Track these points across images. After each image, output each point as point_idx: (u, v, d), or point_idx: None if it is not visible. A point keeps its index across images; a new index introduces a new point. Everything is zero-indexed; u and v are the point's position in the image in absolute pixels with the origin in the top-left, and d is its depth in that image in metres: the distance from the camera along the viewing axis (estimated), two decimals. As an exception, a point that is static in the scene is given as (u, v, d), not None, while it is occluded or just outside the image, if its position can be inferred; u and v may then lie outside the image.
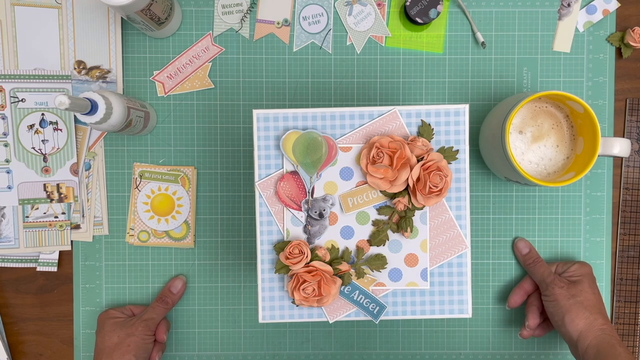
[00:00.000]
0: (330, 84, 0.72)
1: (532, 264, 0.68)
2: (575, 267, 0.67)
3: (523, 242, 0.70)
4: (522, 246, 0.70)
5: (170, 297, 0.69)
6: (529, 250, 0.70)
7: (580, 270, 0.66)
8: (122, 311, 0.68)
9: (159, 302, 0.68)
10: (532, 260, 0.68)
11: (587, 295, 0.64)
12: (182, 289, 0.70)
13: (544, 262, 0.68)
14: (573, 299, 0.63)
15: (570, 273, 0.66)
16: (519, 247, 0.70)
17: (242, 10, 0.71)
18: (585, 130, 0.62)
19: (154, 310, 0.67)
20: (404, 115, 0.57)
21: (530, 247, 0.70)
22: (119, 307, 0.69)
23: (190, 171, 0.71)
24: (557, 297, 0.64)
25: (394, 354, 0.72)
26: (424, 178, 0.54)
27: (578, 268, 0.67)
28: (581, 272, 0.66)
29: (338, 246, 0.57)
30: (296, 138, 0.56)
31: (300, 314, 0.58)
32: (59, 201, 0.70)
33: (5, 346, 0.71)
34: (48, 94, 0.69)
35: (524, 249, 0.70)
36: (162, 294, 0.69)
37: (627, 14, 0.72)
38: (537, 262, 0.68)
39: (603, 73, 0.72)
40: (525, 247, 0.70)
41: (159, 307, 0.68)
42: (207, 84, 0.71)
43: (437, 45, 0.72)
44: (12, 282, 0.72)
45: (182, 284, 0.70)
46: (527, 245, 0.70)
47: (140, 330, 0.65)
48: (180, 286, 0.70)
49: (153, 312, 0.67)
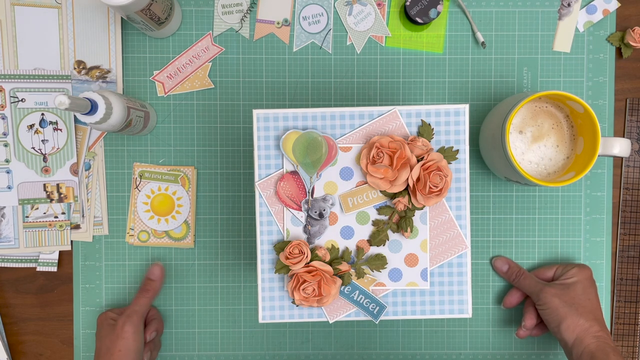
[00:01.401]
0: (330, 84, 0.72)
1: (517, 279, 0.68)
2: (574, 270, 0.66)
3: (500, 260, 0.70)
4: (500, 264, 0.70)
5: (150, 284, 0.68)
6: (508, 266, 0.69)
7: (578, 274, 0.66)
8: (119, 312, 0.67)
9: (140, 292, 0.67)
10: (515, 275, 0.68)
11: (582, 302, 0.63)
12: (161, 274, 0.69)
13: (527, 273, 0.68)
14: (567, 306, 0.63)
15: (568, 276, 0.66)
16: (497, 266, 0.70)
17: (242, 10, 0.71)
18: (585, 130, 0.62)
19: (136, 302, 0.66)
20: (404, 115, 0.57)
21: (509, 262, 0.70)
22: (117, 309, 0.68)
23: (190, 171, 0.71)
24: (550, 304, 0.63)
25: (394, 354, 0.72)
26: (424, 178, 0.54)
27: (577, 272, 0.66)
28: (578, 276, 0.65)
29: (338, 246, 0.57)
30: (296, 138, 0.56)
31: (300, 314, 0.58)
32: (59, 201, 0.70)
33: (5, 346, 0.72)
34: (48, 94, 0.69)
35: (503, 266, 0.70)
36: (142, 283, 0.68)
37: (627, 14, 0.72)
38: (520, 275, 0.68)
39: (603, 73, 0.72)
40: (503, 264, 0.70)
41: (140, 297, 0.67)
42: (207, 84, 0.71)
43: (437, 45, 0.72)
44: (12, 282, 0.72)
45: (159, 269, 0.69)
46: (504, 261, 0.70)
47: (127, 330, 0.63)
48: (159, 272, 0.69)
49: (135, 305, 0.66)
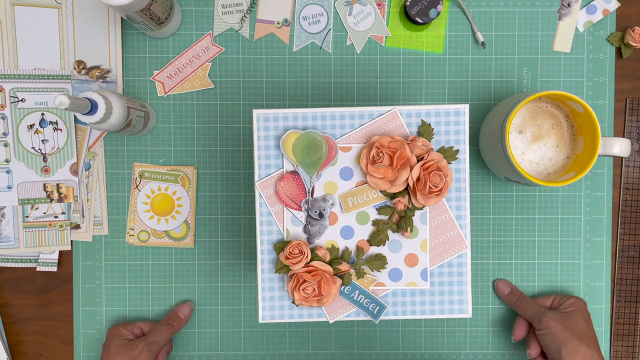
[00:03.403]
0: (330, 84, 0.72)
1: (518, 302, 0.68)
2: (571, 300, 0.67)
3: (502, 282, 0.71)
4: (502, 287, 0.70)
5: (177, 321, 0.68)
6: (510, 289, 0.70)
7: (576, 304, 0.66)
8: (132, 329, 0.67)
9: (165, 325, 0.67)
10: (517, 299, 0.69)
11: (583, 329, 0.64)
12: (189, 314, 0.70)
13: (528, 298, 0.68)
14: (569, 331, 0.63)
15: (566, 306, 0.67)
16: (499, 288, 0.71)
17: (242, 10, 0.71)
18: (586, 130, 0.62)
19: (159, 333, 0.66)
20: (404, 115, 0.57)
21: (511, 286, 0.70)
22: (129, 324, 0.68)
23: (190, 171, 0.71)
24: (551, 329, 0.64)
25: (394, 354, 0.72)
26: (424, 178, 0.54)
27: (574, 302, 0.67)
28: (577, 306, 0.66)
29: (338, 246, 0.57)
30: (296, 138, 0.56)
31: (300, 314, 0.58)
32: (59, 201, 0.70)
33: (5, 346, 0.71)
34: (48, 94, 0.69)
35: (505, 289, 0.70)
36: (168, 317, 0.68)
37: (627, 13, 0.72)
38: (521, 299, 0.68)
39: (603, 73, 0.72)
40: (505, 287, 0.70)
41: (164, 330, 0.67)
42: (207, 83, 0.71)
43: (437, 45, 0.72)
44: (12, 282, 0.72)
45: (189, 309, 0.70)
46: (507, 285, 0.70)
47: (144, 357, 0.63)
48: (188, 311, 0.69)
49: (158, 335, 0.66)
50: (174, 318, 0.68)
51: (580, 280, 0.72)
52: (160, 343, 0.66)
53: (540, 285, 0.72)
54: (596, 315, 0.72)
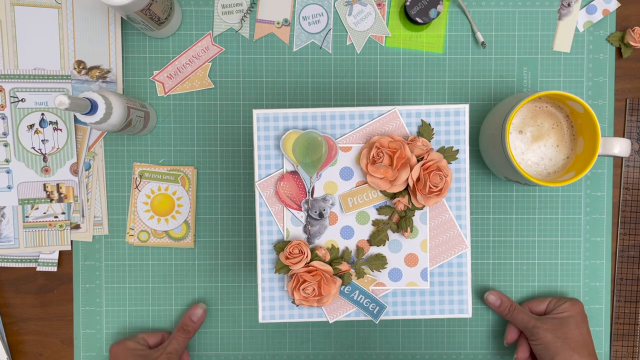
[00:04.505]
0: (330, 84, 0.72)
1: (510, 314, 0.68)
2: (566, 305, 0.67)
3: (493, 294, 0.69)
4: (493, 299, 0.69)
5: (192, 325, 0.68)
6: (500, 301, 0.69)
7: (570, 308, 0.66)
8: (138, 341, 0.67)
9: (181, 332, 0.67)
10: (508, 310, 0.68)
11: (575, 337, 0.64)
12: (203, 316, 0.69)
13: (520, 308, 0.68)
14: (560, 341, 0.63)
15: (560, 311, 0.66)
16: (490, 300, 0.69)
17: (242, 10, 0.71)
18: (585, 130, 0.62)
19: (176, 341, 0.66)
20: (404, 115, 0.57)
21: (501, 297, 0.69)
22: (131, 338, 0.68)
23: (190, 171, 0.71)
24: (543, 340, 0.64)
25: (394, 354, 0.72)
26: (424, 178, 0.54)
27: (569, 306, 0.66)
28: (571, 311, 0.66)
29: (338, 246, 0.57)
30: (296, 138, 0.56)
31: (300, 314, 0.58)
32: (59, 201, 0.70)
33: (5, 346, 0.72)
34: (48, 94, 0.69)
35: (496, 301, 0.69)
36: (182, 322, 0.68)
37: (627, 13, 0.72)
38: (513, 310, 0.68)
39: (603, 73, 0.72)
40: (496, 299, 0.69)
41: (181, 337, 0.67)
42: (207, 83, 0.71)
43: (437, 45, 0.72)
44: (12, 282, 0.72)
45: (202, 311, 0.69)
46: (498, 296, 0.69)
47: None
48: (201, 314, 0.69)
49: (176, 343, 0.66)
50: (188, 323, 0.68)
51: (580, 280, 0.72)
52: (180, 350, 0.66)
53: (540, 285, 0.72)
54: (596, 315, 0.72)
